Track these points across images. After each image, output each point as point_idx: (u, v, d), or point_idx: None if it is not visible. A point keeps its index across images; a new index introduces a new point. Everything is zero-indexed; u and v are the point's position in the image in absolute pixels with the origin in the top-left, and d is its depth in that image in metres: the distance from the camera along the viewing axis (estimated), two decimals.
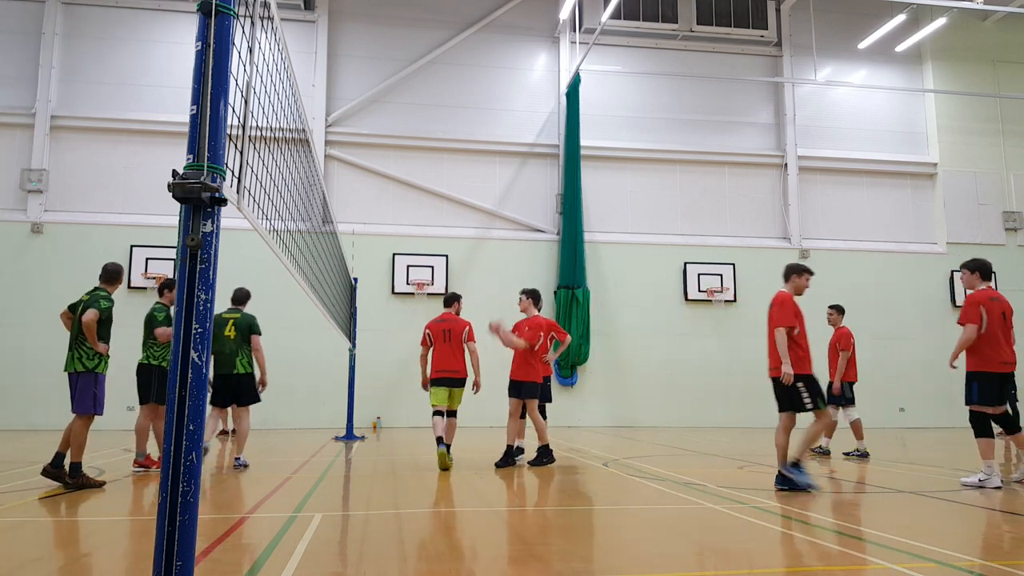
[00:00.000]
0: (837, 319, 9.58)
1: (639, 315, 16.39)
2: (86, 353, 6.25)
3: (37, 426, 13.73)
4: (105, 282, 6.64)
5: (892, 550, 3.91)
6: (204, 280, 2.43)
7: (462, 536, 4.42)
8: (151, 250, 14.57)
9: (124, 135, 15.28)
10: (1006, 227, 17.93)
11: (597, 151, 16.77)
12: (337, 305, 10.14)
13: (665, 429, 15.13)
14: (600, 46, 16.85)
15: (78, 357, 6.24)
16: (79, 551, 3.96)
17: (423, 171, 16.27)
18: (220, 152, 2.51)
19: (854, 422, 9.19)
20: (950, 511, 5.38)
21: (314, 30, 16.15)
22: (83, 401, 6.18)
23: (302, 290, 6.01)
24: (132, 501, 5.74)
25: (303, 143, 5.72)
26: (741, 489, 6.25)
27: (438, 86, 16.61)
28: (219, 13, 2.51)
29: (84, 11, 15.56)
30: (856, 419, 9.20)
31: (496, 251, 16.15)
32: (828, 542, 4.20)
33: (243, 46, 3.13)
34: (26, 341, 14.06)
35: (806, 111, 17.79)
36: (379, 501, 5.67)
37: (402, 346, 15.30)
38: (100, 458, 8.60)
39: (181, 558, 2.28)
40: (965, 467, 8.21)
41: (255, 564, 3.65)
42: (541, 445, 8.09)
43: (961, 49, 18.40)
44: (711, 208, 17.25)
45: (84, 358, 6.24)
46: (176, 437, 2.34)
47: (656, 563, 3.71)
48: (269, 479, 6.80)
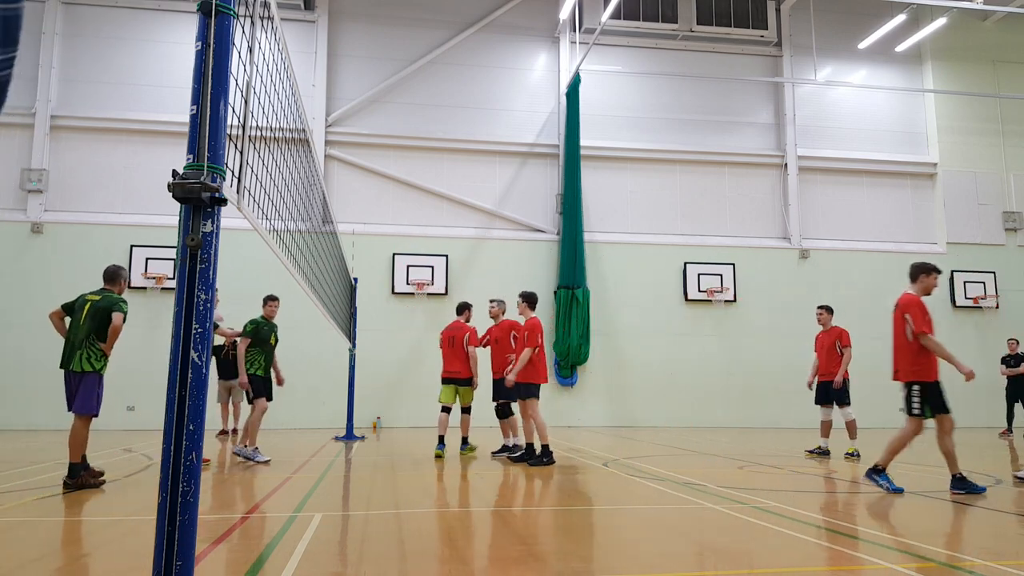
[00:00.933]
0: (827, 319, 9.62)
1: (639, 315, 16.39)
2: (95, 354, 6.24)
3: (37, 426, 13.73)
4: (109, 283, 6.62)
5: (892, 550, 3.91)
6: (204, 280, 2.43)
7: (462, 536, 4.42)
8: (151, 250, 14.57)
9: (124, 135, 15.28)
10: (1006, 227, 17.93)
11: (597, 151, 16.77)
12: (337, 305, 10.14)
13: (665, 429, 15.13)
14: (600, 46, 16.86)
15: (86, 357, 6.21)
16: (79, 551, 3.96)
17: (423, 171, 16.27)
18: (220, 152, 2.51)
19: (850, 421, 9.22)
20: (950, 511, 5.38)
21: (314, 30, 16.15)
22: (87, 401, 6.16)
23: (302, 290, 6.01)
24: (132, 501, 5.74)
25: (303, 143, 5.72)
26: (741, 489, 6.25)
27: (438, 86, 16.61)
28: (219, 13, 2.51)
29: (84, 11, 15.57)
30: (852, 419, 9.23)
31: (496, 251, 16.16)
32: (828, 542, 4.20)
33: (243, 46, 3.13)
34: (26, 341, 14.05)
35: (806, 111, 17.79)
36: (379, 501, 5.67)
37: (402, 346, 15.32)
38: (100, 458, 8.61)
39: (181, 558, 2.28)
40: (965, 467, 8.19)
41: (255, 564, 3.65)
42: (543, 444, 8.21)
43: (961, 49, 18.40)
44: (711, 208, 17.25)
45: (92, 358, 6.23)
46: (176, 437, 2.34)
47: (656, 563, 3.71)
48: (269, 479, 6.80)
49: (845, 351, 9.27)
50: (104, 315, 6.29)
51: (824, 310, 9.68)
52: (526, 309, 8.51)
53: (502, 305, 9.13)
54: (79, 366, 6.19)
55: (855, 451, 9.21)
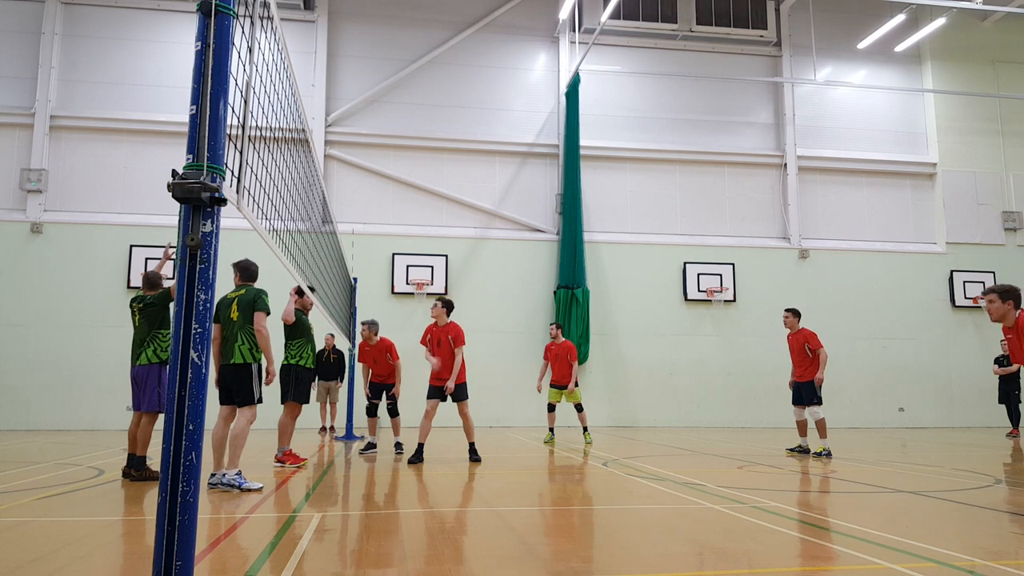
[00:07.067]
0: (794, 322, 9.66)
1: (639, 315, 16.40)
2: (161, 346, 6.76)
3: (37, 426, 13.74)
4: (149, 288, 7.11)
5: (892, 550, 3.91)
6: (204, 280, 2.43)
7: (462, 536, 4.42)
8: (151, 250, 14.56)
9: (124, 135, 15.28)
10: (1005, 227, 17.94)
11: (597, 151, 16.77)
12: (337, 305, 10.15)
13: (664, 429, 15.13)
14: (600, 46, 16.86)
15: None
16: (79, 551, 3.96)
17: (423, 171, 16.28)
18: (220, 152, 2.51)
19: (820, 421, 9.26)
20: (950, 511, 5.38)
21: (314, 30, 16.15)
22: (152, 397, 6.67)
23: (301, 289, 6.01)
24: (132, 501, 5.73)
25: (303, 143, 5.72)
26: (740, 489, 6.25)
27: (438, 86, 16.61)
28: (219, 13, 2.51)
29: (84, 11, 15.56)
30: (822, 418, 9.31)
31: (496, 251, 16.16)
32: (828, 542, 4.21)
33: (243, 46, 3.14)
34: (26, 341, 14.07)
35: (806, 111, 17.79)
36: (379, 501, 5.67)
37: (402, 346, 15.28)
38: (99, 458, 8.61)
39: (181, 558, 2.28)
40: (965, 467, 8.21)
41: (255, 564, 3.65)
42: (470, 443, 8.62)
43: (961, 49, 18.41)
44: (711, 208, 17.25)
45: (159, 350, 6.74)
46: (176, 437, 2.34)
47: (656, 563, 3.71)
48: (269, 479, 6.80)
49: (819, 352, 9.33)
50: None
51: (790, 313, 9.76)
52: (443, 314, 8.49)
53: (374, 327, 9.43)
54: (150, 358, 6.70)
55: (824, 450, 9.21)
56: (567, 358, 11.02)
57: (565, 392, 11.03)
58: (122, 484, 6.42)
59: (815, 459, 8.95)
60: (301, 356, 7.96)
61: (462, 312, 13.78)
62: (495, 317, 15.80)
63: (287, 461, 7.73)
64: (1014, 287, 5.35)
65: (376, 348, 9.44)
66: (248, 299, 6.38)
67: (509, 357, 15.66)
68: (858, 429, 15.52)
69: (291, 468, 7.60)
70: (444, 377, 8.24)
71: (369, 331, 9.41)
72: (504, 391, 15.35)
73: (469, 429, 8.58)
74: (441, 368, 8.27)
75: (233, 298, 6.46)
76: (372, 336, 9.40)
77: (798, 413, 9.70)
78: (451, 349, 8.28)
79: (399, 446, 9.45)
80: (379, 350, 9.44)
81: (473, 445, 8.58)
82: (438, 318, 8.45)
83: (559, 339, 11.16)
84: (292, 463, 7.73)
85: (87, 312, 14.30)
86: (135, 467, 6.58)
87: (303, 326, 8.06)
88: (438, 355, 8.32)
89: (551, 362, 11.19)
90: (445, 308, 8.49)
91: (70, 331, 14.23)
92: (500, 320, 15.82)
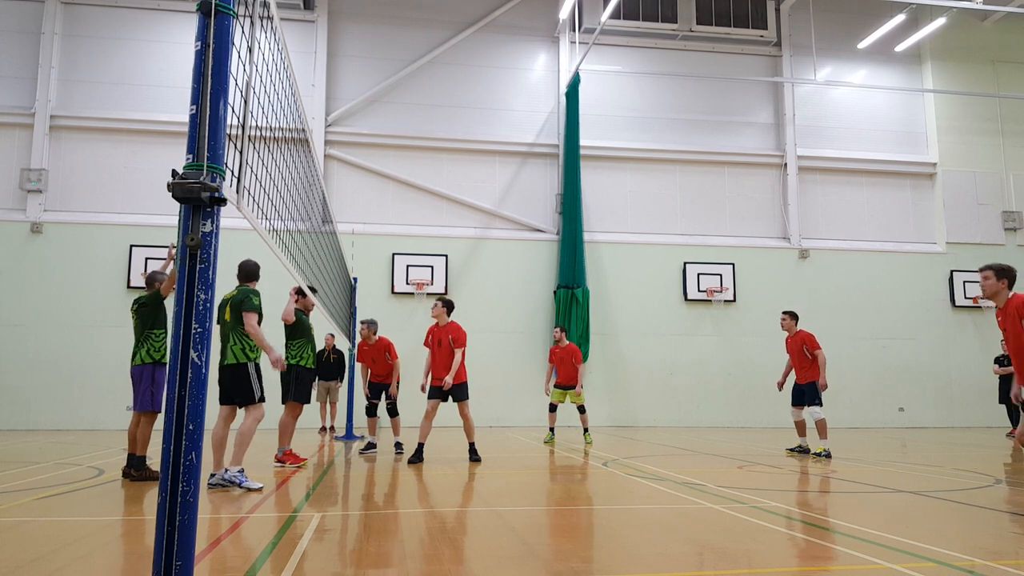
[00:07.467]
0: (791, 325, 9.65)
1: (639, 315, 16.40)
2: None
3: (37, 426, 13.74)
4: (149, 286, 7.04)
5: (892, 550, 3.91)
6: (204, 280, 2.43)
7: (462, 536, 4.42)
8: (151, 250, 14.56)
9: (124, 135, 15.28)
10: (1005, 227, 17.93)
11: (597, 151, 16.77)
12: (337, 305, 10.15)
13: (664, 429, 15.13)
14: (600, 46, 16.86)
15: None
16: (79, 551, 3.96)
17: (423, 171, 16.27)
18: (220, 152, 2.51)
19: (820, 421, 9.25)
20: (950, 511, 5.38)
21: (314, 30, 16.15)
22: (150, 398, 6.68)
23: (302, 289, 6.01)
24: (132, 501, 5.73)
25: (303, 143, 5.72)
26: (740, 489, 6.25)
27: (438, 86, 16.61)
28: (219, 13, 2.51)
29: (84, 11, 15.56)
30: (822, 418, 9.29)
31: (496, 251, 16.16)
32: (828, 542, 4.21)
33: (243, 46, 3.13)
34: (26, 341, 14.07)
35: (806, 111, 17.79)
36: (379, 501, 5.67)
37: (401, 346, 15.27)
38: (99, 458, 8.61)
39: (181, 558, 2.28)
40: (965, 467, 8.21)
41: (255, 564, 3.65)
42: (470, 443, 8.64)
43: (961, 49, 18.41)
44: (711, 208, 17.25)
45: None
46: (176, 437, 2.34)
47: (656, 563, 3.71)
48: (269, 479, 6.80)
49: (818, 354, 9.33)
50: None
51: (788, 316, 9.75)
52: (443, 314, 8.49)
53: (372, 326, 9.45)
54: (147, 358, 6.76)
55: (824, 451, 9.20)
56: (572, 361, 11.03)
57: (571, 393, 11.05)
58: (122, 484, 6.42)
59: (815, 460, 8.95)
60: (302, 356, 7.98)
61: (462, 312, 13.77)
62: (495, 317, 15.80)
63: (287, 461, 7.73)
64: (1011, 267, 5.36)
65: (375, 347, 9.46)
66: (238, 300, 6.45)
67: (509, 357, 15.66)
68: (858, 429, 15.51)
69: (291, 468, 7.61)
70: (443, 376, 8.26)
71: (368, 330, 9.42)
72: (504, 391, 15.36)
73: (469, 429, 8.58)
74: (440, 368, 8.29)
75: (228, 299, 6.58)
76: (371, 335, 9.42)
77: (796, 414, 9.71)
78: (451, 349, 8.29)
79: (399, 446, 9.45)
80: (378, 349, 9.46)
81: (473, 445, 8.58)
82: (439, 318, 8.47)
83: (563, 342, 11.19)
84: (292, 463, 7.74)
85: (87, 312, 14.30)
86: (135, 467, 6.61)
87: (303, 326, 8.07)
88: (438, 355, 8.34)
89: (557, 364, 11.19)
90: (446, 308, 8.50)
91: (70, 331, 14.23)
92: (500, 320, 15.81)
